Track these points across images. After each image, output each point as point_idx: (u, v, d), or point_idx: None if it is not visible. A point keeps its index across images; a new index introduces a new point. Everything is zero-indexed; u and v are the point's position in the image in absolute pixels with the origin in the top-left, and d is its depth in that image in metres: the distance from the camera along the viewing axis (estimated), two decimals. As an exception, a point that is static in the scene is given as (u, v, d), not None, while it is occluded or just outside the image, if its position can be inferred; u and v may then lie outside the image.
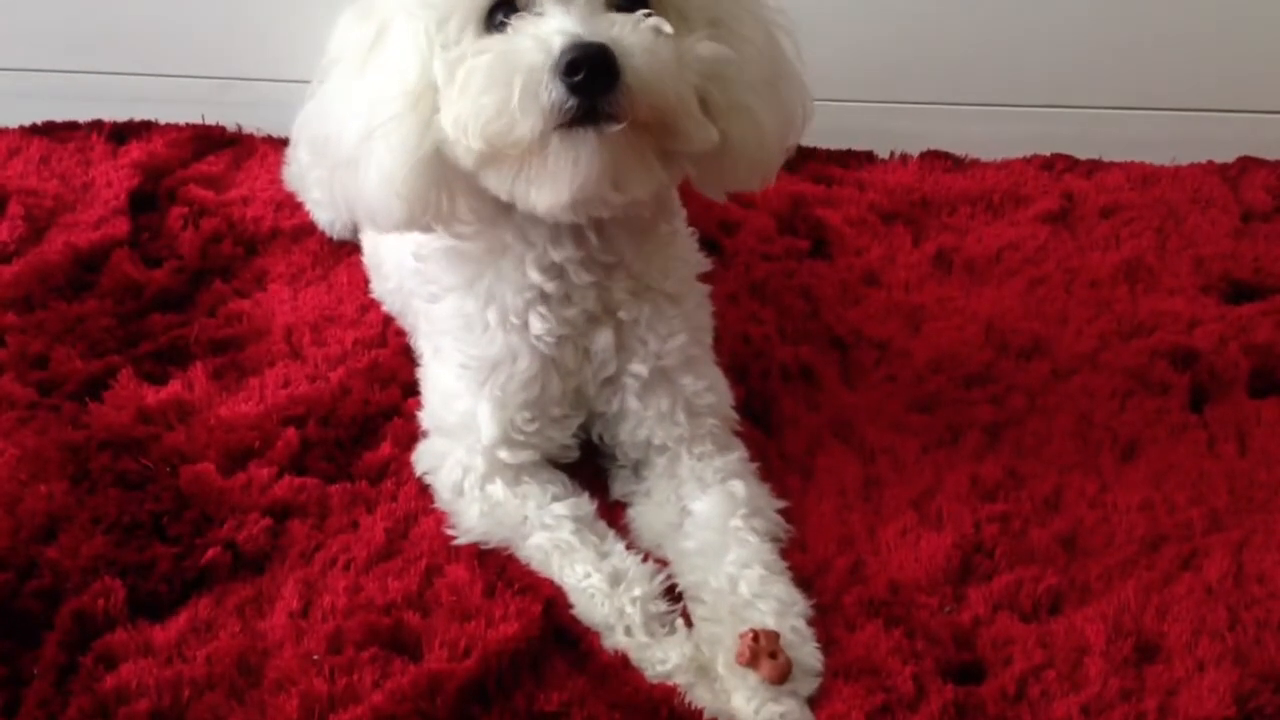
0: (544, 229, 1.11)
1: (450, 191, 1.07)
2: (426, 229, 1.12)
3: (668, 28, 1.00)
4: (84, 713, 0.98)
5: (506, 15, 1.02)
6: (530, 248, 1.13)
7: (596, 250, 1.13)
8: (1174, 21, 1.89)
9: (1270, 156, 1.93)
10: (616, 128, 0.97)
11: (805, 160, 1.90)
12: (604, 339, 1.17)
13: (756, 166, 1.11)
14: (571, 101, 0.96)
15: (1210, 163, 1.93)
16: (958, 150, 1.96)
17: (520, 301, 1.15)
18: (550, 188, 1.01)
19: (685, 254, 1.23)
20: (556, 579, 1.12)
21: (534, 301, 1.15)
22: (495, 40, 1.01)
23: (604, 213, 1.08)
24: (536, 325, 1.15)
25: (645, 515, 1.21)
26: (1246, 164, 1.92)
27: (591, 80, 0.95)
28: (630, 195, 1.03)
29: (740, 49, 1.06)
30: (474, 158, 1.02)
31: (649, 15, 1.00)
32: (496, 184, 1.04)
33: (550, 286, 1.14)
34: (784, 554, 1.15)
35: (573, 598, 1.11)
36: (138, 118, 1.97)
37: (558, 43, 0.96)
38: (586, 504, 1.19)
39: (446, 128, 1.02)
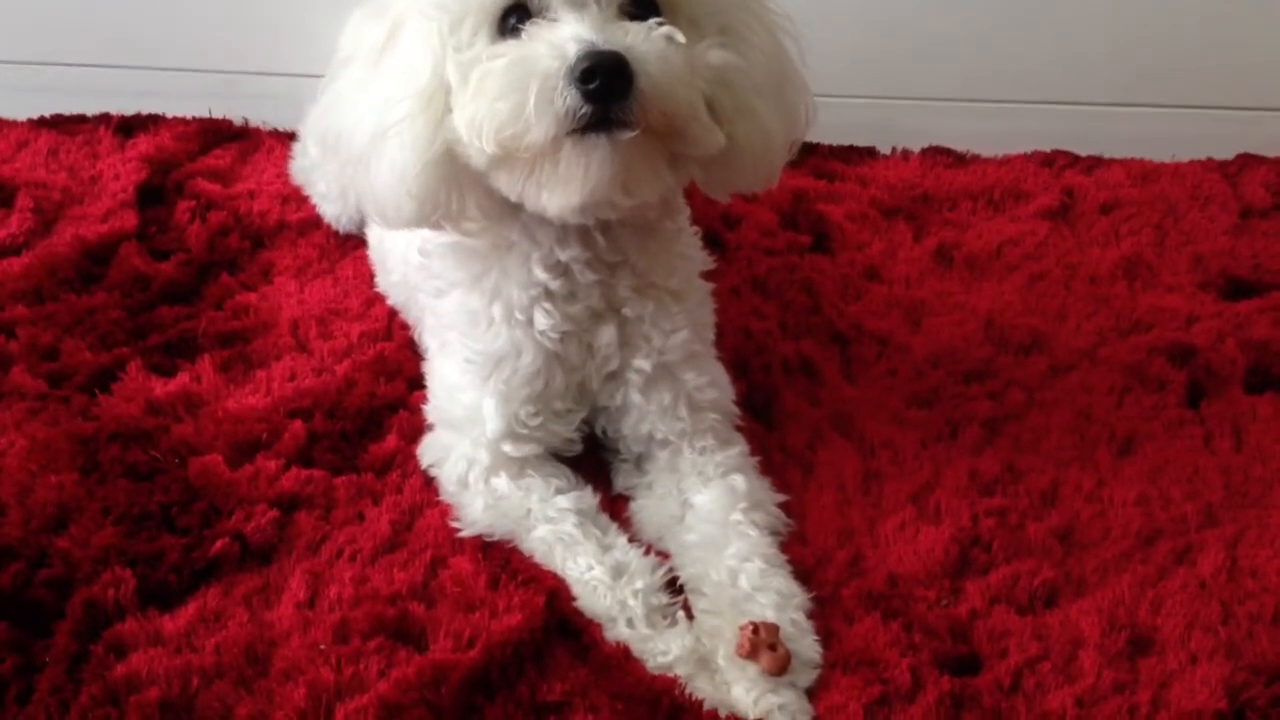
0: (550, 229, 1.12)
1: (460, 190, 1.08)
2: (436, 227, 1.13)
3: (680, 37, 1.01)
4: (95, 700, 0.99)
5: (520, 20, 1.03)
6: (536, 247, 1.14)
7: (602, 250, 1.15)
8: (1174, 19, 1.90)
9: (1269, 154, 1.94)
10: (629, 135, 0.98)
11: (807, 155, 1.91)
12: (607, 335, 1.18)
13: (761, 168, 1.12)
14: (586, 108, 0.97)
15: (1210, 160, 1.94)
16: (959, 146, 1.97)
17: (525, 298, 1.16)
18: (561, 191, 1.02)
19: (689, 251, 1.24)
20: (559, 571, 1.13)
21: (539, 298, 1.16)
22: (510, 45, 1.02)
23: (612, 215, 1.10)
24: (541, 321, 1.16)
25: (647, 509, 1.22)
26: (1246, 161, 1.93)
27: (606, 88, 0.96)
28: (639, 199, 1.05)
29: (748, 55, 1.07)
30: (486, 159, 1.03)
31: (661, 24, 1.01)
32: (507, 185, 1.06)
33: (555, 284, 1.15)
34: (784, 547, 1.16)
35: (575, 590, 1.12)
36: (145, 111, 1.98)
37: (573, 50, 0.97)
38: (589, 497, 1.20)
39: (459, 129, 1.03)
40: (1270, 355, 1.46)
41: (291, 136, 1.83)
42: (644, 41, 0.99)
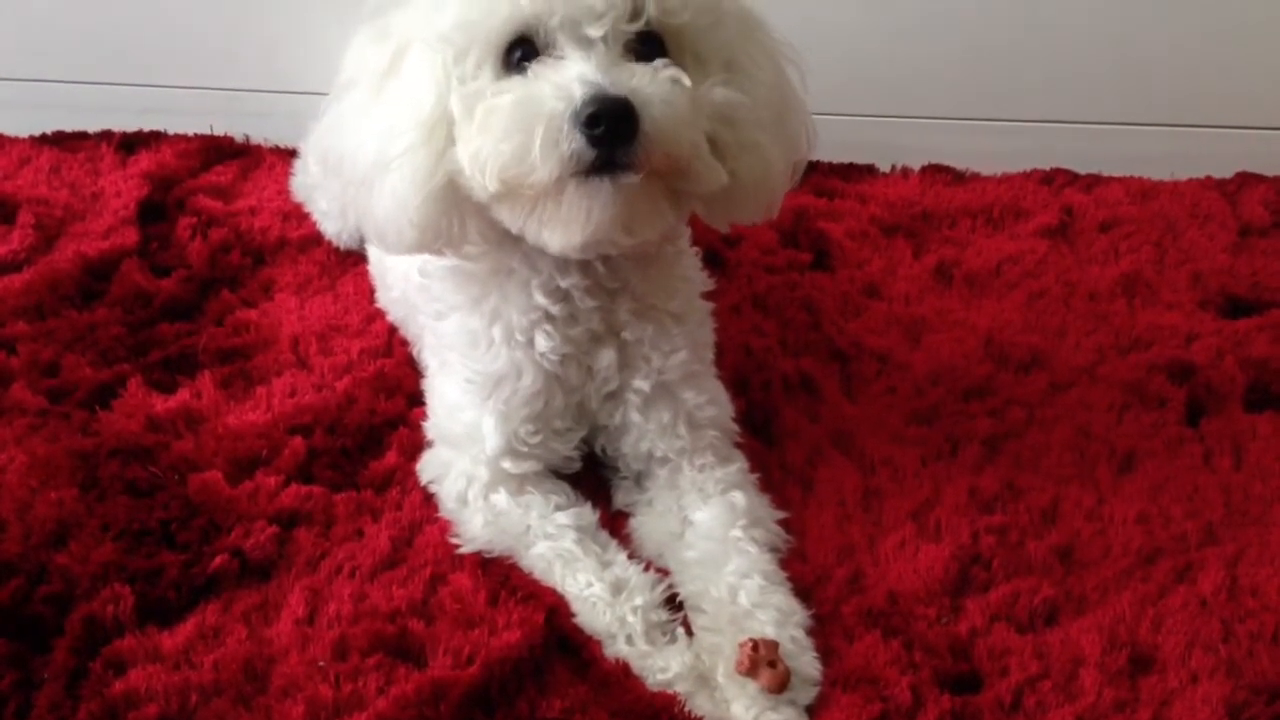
0: (551, 257, 1.12)
1: (461, 219, 1.08)
2: (437, 253, 1.13)
3: (685, 79, 1.01)
4: (94, 717, 0.99)
5: (526, 55, 1.02)
6: (536, 273, 1.14)
7: (602, 277, 1.15)
8: (1173, 38, 1.90)
9: (1268, 172, 1.94)
10: (632, 178, 0.98)
11: (808, 173, 1.88)
12: (607, 357, 1.18)
13: (763, 200, 1.12)
14: (590, 153, 0.97)
15: (1209, 178, 1.94)
16: (959, 164, 1.97)
17: (525, 321, 1.16)
18: (563, 230, 1.03)
19: (689, 274, 1.24)
20: (559, 588, 1.13)
21: (539, 321, 1.16)
22: (515, 83, 1.01)
23: (613, 252, 1.10)
24: (541, 343, 1.16)
25: (647, 525, 1.22)
26: (1245, 179, 1.93)
27: (611, 133, 0.96)
28: (641, 238, 1.05)
29: (752, 90, 1.07)
30: (488, 194, 1.03)
31: (667, 64, 1.01)
32: (509, 219, 1.06)
33: (555, 309, 1.15)
34: (783, 564, 1.16)
35: (575, 606, 1.12)
36: (147, 128, 1.99)
37: (579, 93, 0.97)
38: (589, 514, 1.20)
39: (462, 162, 1.03)
40: (1269, 373, 1.46)
41: (293, 153, 1.83)
42: (650, 84, 0.99)
